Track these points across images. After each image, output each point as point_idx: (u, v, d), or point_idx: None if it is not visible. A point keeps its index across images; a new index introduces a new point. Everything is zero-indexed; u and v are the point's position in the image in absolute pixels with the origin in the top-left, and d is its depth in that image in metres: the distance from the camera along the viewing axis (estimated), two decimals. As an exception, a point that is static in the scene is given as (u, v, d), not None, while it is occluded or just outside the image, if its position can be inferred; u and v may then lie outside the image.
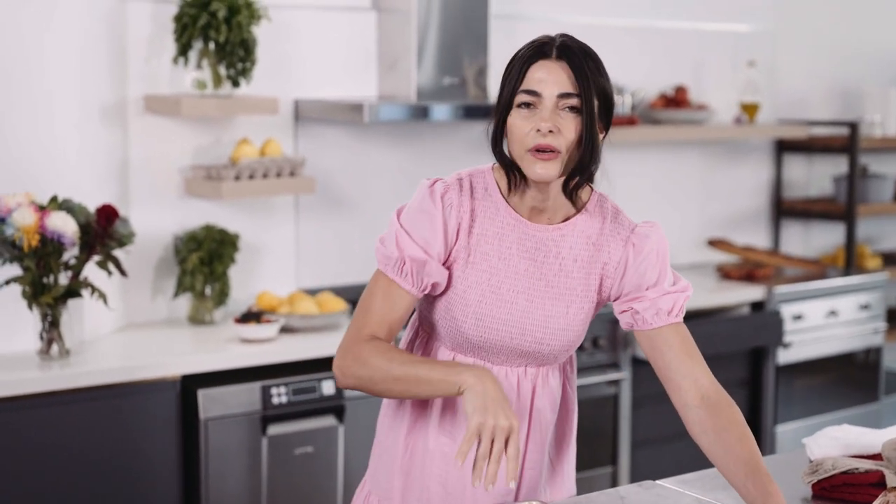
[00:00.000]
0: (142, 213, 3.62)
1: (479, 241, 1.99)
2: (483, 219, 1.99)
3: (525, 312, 2.00)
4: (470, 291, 1.98)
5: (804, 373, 4.67)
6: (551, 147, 1.89)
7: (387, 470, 2.10)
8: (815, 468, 2.20)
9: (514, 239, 2.00)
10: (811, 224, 5.48)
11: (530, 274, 2.00)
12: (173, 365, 3.21)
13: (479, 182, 2.01)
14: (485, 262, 1.99)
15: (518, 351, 2.03)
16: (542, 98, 1.90)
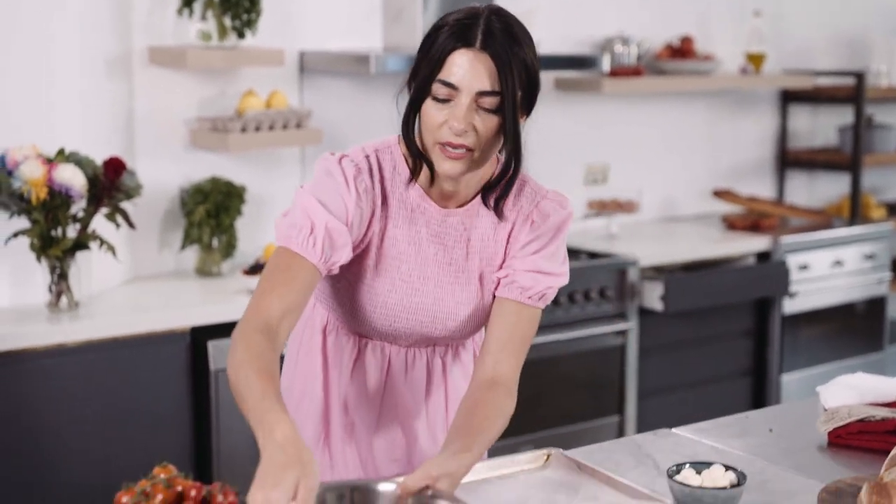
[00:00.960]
0: (147, 166, 3.60)
1: (388, 227, 1.89)
2: (393, 203, 1.89)
3: (436, 300, 1.93)
4: (379, 281, 1.90)
5: (809, 322, 4.68)
6: (463, 145, 1.78)
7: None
8: (831, 416, 2.20)
9: (423, 223, 1.91)
10: (816, 174, 5.47)
11: (440, 259, 1.93)
12: (183, 317, 3.21)
13: (386, 160, 1.90)
14: (394, 248, 1.90)
15: (428, 337, 1.98)
16: (459, 92, 1.76)
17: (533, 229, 1.95)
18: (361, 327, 1.95)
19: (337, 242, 1.79)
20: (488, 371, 1.90)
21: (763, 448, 2.16)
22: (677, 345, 4.30)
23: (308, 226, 1.78)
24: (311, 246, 1.77)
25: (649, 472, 2.02)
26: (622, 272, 4.04)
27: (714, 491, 1.77)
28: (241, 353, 1.67)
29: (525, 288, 1.93)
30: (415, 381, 2.01)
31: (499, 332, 1.93)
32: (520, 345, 1.94)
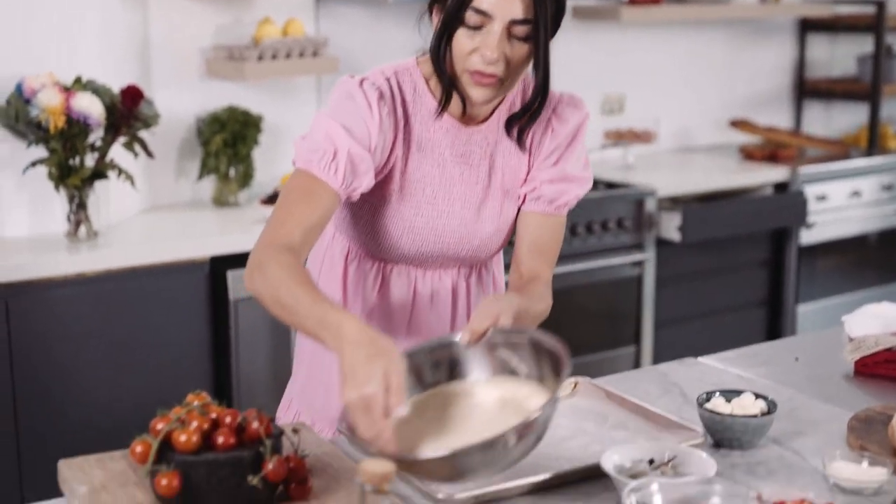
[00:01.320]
0: (163, 95, 3.57)
1: (412, 150, 1.86)
2: (415, 125, 1.86)
3: (462, 221, 1.91)
4: (404, 205, 1.87)
5: (825, 253, 4.67)
6: (494, 75, 1.76)
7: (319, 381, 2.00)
8: (858, 345, 2.20)
9: (447, 144, 1.88)
10: (833, 104, 5.42)
11: (465, 179, 1.90)
12: (202, 246, 3.20)
13: (406, 82, 1.86)
14: (418, 171, 1.87)
15: (454, 258, 1.96)
16: (492, 20, 1.72)
17: (553, 137, 1.93)
18: (387, 253, 1.93)
19: (359, 168, 1.77)
20: (524, 276, 1.92)
21: (789, 377, 2.16)
22: (694, 275, 4.29)
23: (331, 150, 1.75)
24: (332, 172, 1.74)
25: (676, 401, 2.02)
26: (639, 203, 4.02)
27: (745, 419, 1.76)
28: (274, 271, 1.65)
29: (551, 200, 1.94)
30: (440, 304, 1.99)
31: (529, 243, 1.94)
32: (551, 251, 1.95)
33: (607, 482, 1.66)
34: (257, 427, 1.47)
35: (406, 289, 1.97)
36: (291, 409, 2.08)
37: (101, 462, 1.63)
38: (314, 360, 2.02)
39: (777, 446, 1.81)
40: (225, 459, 1.44)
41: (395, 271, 1.96)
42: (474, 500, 1.59)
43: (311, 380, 2.03)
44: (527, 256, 1.94)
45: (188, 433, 1.44)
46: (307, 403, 2.04)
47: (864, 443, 1.77)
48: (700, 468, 1.63)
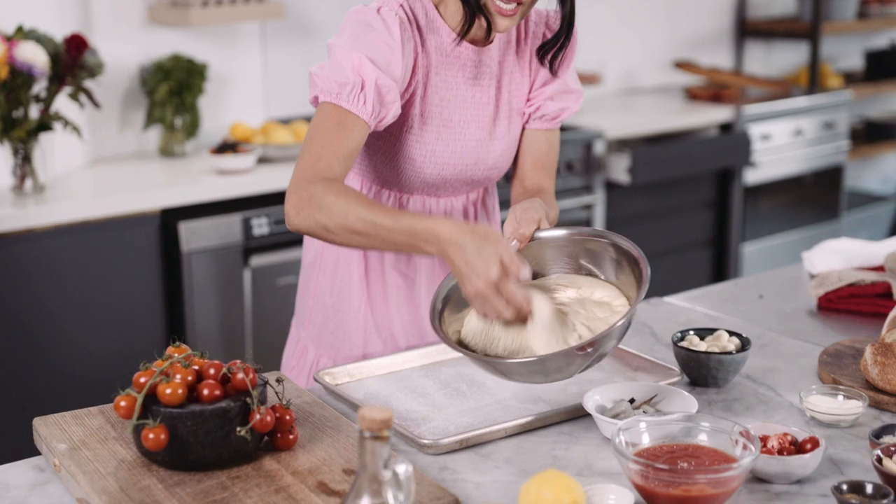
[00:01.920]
0: (105, 43, 3.49)
1: (431, 74, 1.87)
2: (431, 49, 1.86)
3: (477, 142, 1.93)
4: (426, 130, 1.88)
5: (769, 193, 4.71)
6: (518, 1, 1.78)
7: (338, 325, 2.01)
8: (822, 281, 2.22)
9: (458, 66, 1.89)
10: (773, 43, 5.45)
11: (477, 99, 1.93)
12: (152, 198, 3.14)
13: (418, 7, 1.86)
14: (436, 95, 1.88)
15: (470, 181, 1.97)
16: None
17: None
18: (407, 182, 1.93)
19: (386, 98, 1.78)
20: (529, 190, 1.98)
21: (756, 314, 2.18)
22: (642, 216, 4.31)
23: (359, 83, 1.75)
24: (361, 103, 1.75)
25: (647, 341, 2.03)
26: (588, 145, 4.03)
27: (720, 356, 1.78)
28: (333, 201, 1.67)
29: (553, 117, 1.99)
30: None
31: (533, 160, 2.01)
32: (552, 165, 2.02)
33: (588, 422, 1.66)
34: (243, 378, 1.45)
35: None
36: (308, 354, 2.07)
37: (78, 418, 1.60)
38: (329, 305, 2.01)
39: (751, 382, 1.83)
40: (211, 411, 1.42)
41: (411, 201, 1.97)
42: (458, 444, 1.59)
43: (329, 322, 2.02)
44: (531, 172, 2.00)
45: (173, 386, 1.41)
46: (326, 344, 2.03)
47: (837, 377, 1.80)
48: (681, 406, 1.64)
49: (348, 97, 1.75)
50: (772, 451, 1.49)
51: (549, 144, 2.02)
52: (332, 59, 1.79)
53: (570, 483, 1.23)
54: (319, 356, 2.05)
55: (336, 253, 2.00)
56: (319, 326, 2.04)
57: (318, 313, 2.04)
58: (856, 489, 1.42)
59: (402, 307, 2.01)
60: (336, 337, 2.02)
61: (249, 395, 1.45)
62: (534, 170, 2.01)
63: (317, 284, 2.04)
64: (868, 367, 1.76)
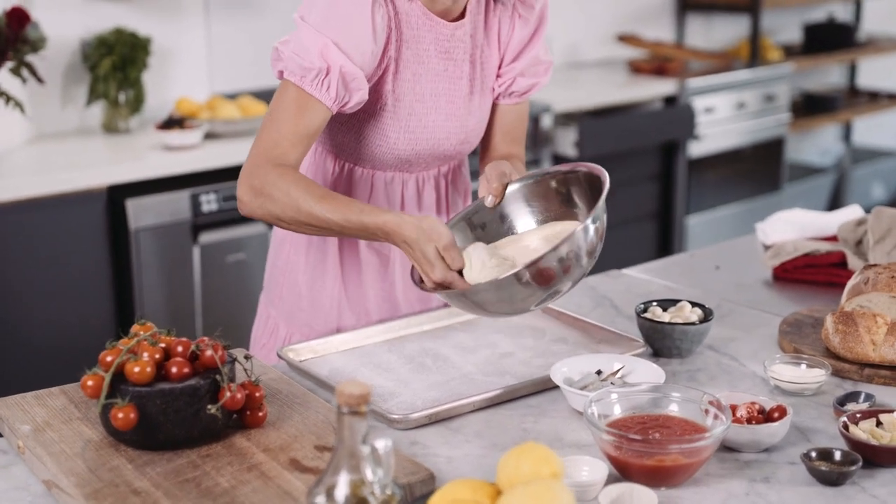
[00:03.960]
0: (44, 16, 3.41)
1: (402, 49, 1.84)
2: (402, 24, 1.83)
3: (448, 116, 1.92)
4: (399, 104, 1.86)
5: (712, 165, 4.75)
6: None
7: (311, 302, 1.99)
8: (777, 252, 2.24)
9: (430, 40, 1.86)
10: (714, 17, 5.48)
11: (449, 74, 1.91)
12: (98, 175, 3.09)
13: None
14: (408, 70, 1.85)
15: (442, 155, 1.96)
16: None
17: (523, 23, 1.95)
18: (380, 158, 1.91)
19: (350, 85, 1.75)
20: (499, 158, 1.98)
21: (713, 284, 2.20)
22: (589, 190, 4.32)
23: (324, 68, 1.73)
24: (324, 89, 1.73)
25: (608, 313, 2.04)
26: (535, 119, 4.03)
27: (684, 326, 1.79)
28: (286, 190, 1.70)
29: (522, 92, 1.99)
30: (426, 207, 1.99)
31: (503, 133, 2.02)
32: (522, 134, 2.05)
33: (556, 394, 1.67)
34: (212, 355, 1.43)
35: (395, 195, 1.96)
36: (279, 332, 2.04)
37: (40, 399, 1.57)
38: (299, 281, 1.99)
39: (713, 352, 1.84)
40: (181, 389, 1.39)
41: (384, 178, 1.94)
42: (427, 419, 1.58)
43: (301, 299, 2.00)
44: (501, 144, 2.01)
45: (141, 364, 1.39)
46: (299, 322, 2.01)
47: (798, 346, 1.82)
48: (649, 377, 1.65)
49: (312, 82, 1.73)
50: (741, 420, 1.50)
51: (519, 116, 2.03)
52: (298, 36, 1.76)
53: (549, 455, 1.23)
54: (291, 333, 2.02)
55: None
56: (291, 304, 2.01)
57: (289, 290, 2.01)
58: (824, 456, 1.43)
59: (377, 283, 1.99)
60: (309, 314, 1.99)
61: (219, 373, 1.43)
62: (503, 141, 2.01)
63: (287, 261, 2.01)
64: (829, 336, 1.78)
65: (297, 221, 1.72)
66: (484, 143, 2.04)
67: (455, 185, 2.04)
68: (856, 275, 1.87)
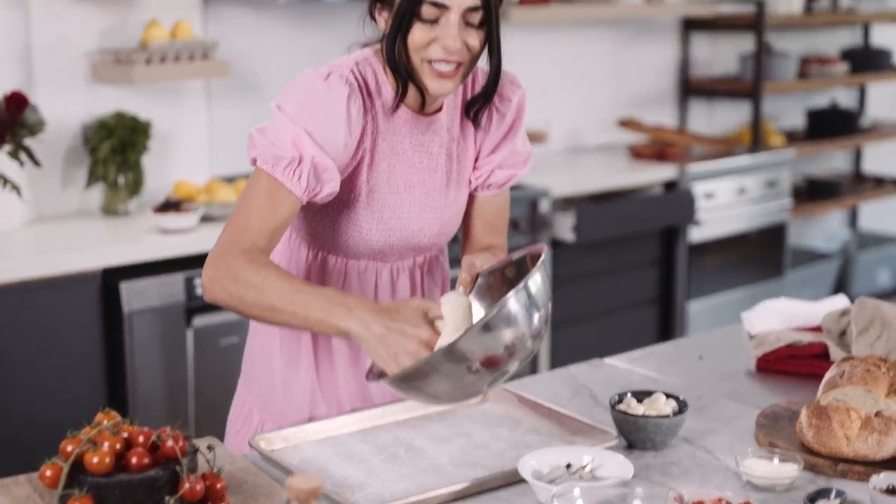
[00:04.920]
0: (47, 101, 3.46)
1: (378, 140, 1.86)
2: (379, 116, 1.85)
3: (423, 208, 1.93)
4: (373, 196, 1.87)
5: (713, 250, 4.76)
6: (458, 62, 1.78)
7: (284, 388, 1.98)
8: (760, 342, 2.23)
9: (406, 132, 1.89)
10: (716, 102, 5.53)
11: (424, 165, 1.92)
12: (93, 257, 3.11)
13: (368, 73, 1.85)
14: (383, 161, 1.87)
15: (416, 247, 1.97)
16: (448, 11, 1.75)
17: (500, 117, 1.97)
18: (354, 248, 1.91)
19: (322, 177, 1.77)
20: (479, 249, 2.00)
21: (695, 375, 2.19)
22: (588, 275, 4.33)
23: (296, 158, 1.75)
24: (296, 178, 1.75)
25: (586, 403, 2.03)
26: (533, 203, 4.05)
27: (658, 419, 1.78)
28: (252, 276, 1.69)
29: (501, 183, 2.01)
30: (399, 296, 1.99)
31: (482, 224, 2.03)
32: (502, 224, 2.06)
33: (525, 488, 1.65)
34: (172, 445, 1.42)
35: (369, 284, 1.96)
36: (252, 419, 2.04)
37: (5, 487, 1.56)
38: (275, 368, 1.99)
39: (689, 445, 1.83)
40: (140, 480, 1.39)
41: (357, 267, 1.95)
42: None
43: (275, 387, 1.99)
44: (481, 235, 2.02)
45: (100, 454, 1.39)
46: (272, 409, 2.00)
47: (773, 439, 1.80)
48: (618, 470, 1.64)
49: (284, 171, 1.74)
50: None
51: (499, 206, 2.04)
52: (273, 125, 1.78)
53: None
54: (265, 421, 2.02)
55: None
56: (266, 389, 2.01)
57: (265, 376, 2.02)
58: (790, 555, 1.41)
59: (349, 372, 1.98)
60: (282, 402, 1.99)
61: (179, 464, 1.42)
62: (483, 231, 2.03)
63: (262, 347, 2.02)
64: (803, 430, 1.76)
65: (258, 307, 1.70)
66: (465, 235, 2.04)
67: (432, 274, 2.04)
68: (832, 367, 1.87)
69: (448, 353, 1.56)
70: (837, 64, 5.59)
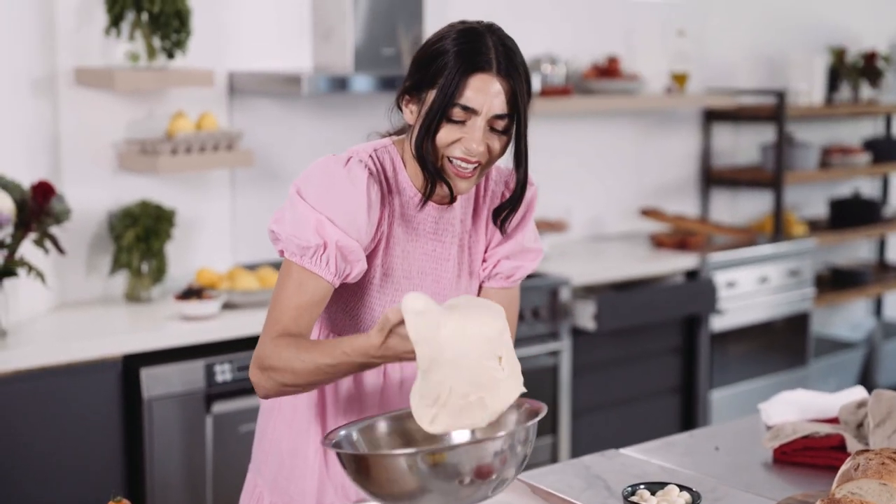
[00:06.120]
0: (74, 189, 3.52)
1: (394, 226, 1.91)
2: (395, 202, 1.91)
3: (434, 295, 1.96)
4: (387, 280, 1.92)
5: (736, 339, 4.74)
6: (477, 162, 1.84)
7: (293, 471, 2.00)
8: (777, 433, 2.22)
9: (419, 220, 1.94)
10: (738, 192, 5.55)
11: (437, 254, 1.96)
12: (114, 344, 3.14)
13: (386, 160, 1.92)
14: (398, 246, 1.93)
15: None
16: (476, 116, 1.81)
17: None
18: (366, 331, 1.93)
19: (349, 258, 1.83)
20: None
21: (711, 466, 2.18)
22: (609, 363, 4.32)
23: (321, 245, 1.80)
24: (324, 265, 1.80)
25: (601, 494, 2.02)
26: (554, 292, 4.06)
27: (670, 512, 1.77)
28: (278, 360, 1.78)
29: (508, 276, 2.02)
30: (407, 379, 2.00)
31: None
32: (512, 322, 2.04)
33: (536, 580, 1.64)
34: (180, 535, 1.43)
35: (377, 371, 1.97)
36: (263, 501, 2.05)
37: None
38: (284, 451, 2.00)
39: (702, 538, 1.81)
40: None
41: None
42: None
43: (283, 469, 2.01)
44: None
45: (109, 544, 1.39)
46: (281, 490, 2.01)
47: (788, 532, 1.79)
48: (629, 564, 1.62)
49: (311, 259, 1.81)
50: None
51: (507, 303, 2.04)
52: (294, 213, 1.82)
53: None
54: (274, 502, 2.02)
55: (293, 400, 2.00)
56: (275, 472, 2.03)
57: (274, 458, 2.03)
58: None
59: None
60: (290, 483, 2.00)
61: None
62: None
63: (273, 430, 2.03)
64: (818, 524, 1.75)
65: (299, 378, 1.76)
66: None
67: None
68: (847, 460, 1.85)
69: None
70: (860, 154, 5.61)
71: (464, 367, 1.62)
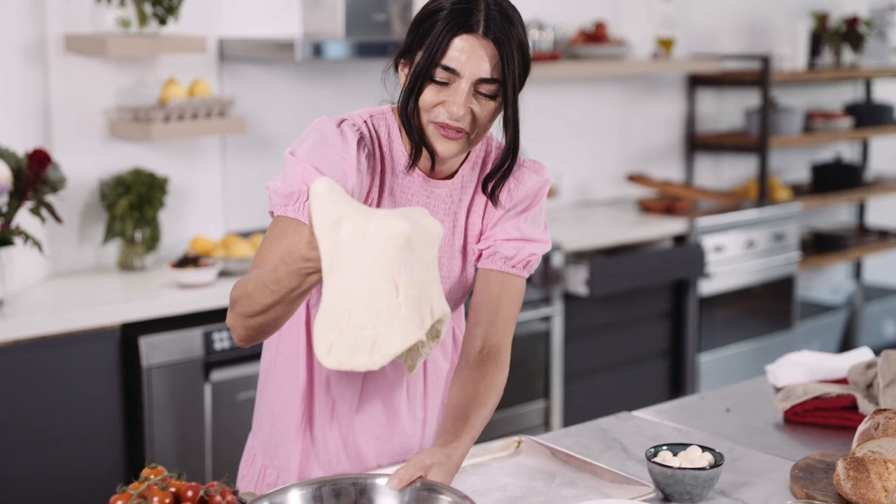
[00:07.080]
0: (65, 157, 3.48)
1: (385, 195, 1.85)
2: (388, 171, 1.86)
3: None
4: None
5: (723, 303, 4.77)
6: (460, 129, 1.77)
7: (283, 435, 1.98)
8: (788, 394, 2.24)
9: (411, 193, 1.88)
10: (722, 157, 5.57)
11: None
12: (112, 313, 3.12)
13: (381, 126, 1.87)
14: None
15: None
16: (459, 78, 1.75)
17: (509, 197, 1.93)
18: None
19: None
20: (478, 344, 1.89)
21: (724, 427, 2.20)
22: (600, 328, 4.34)
23: (304, 191, 1.73)
24: (306, 211, 1.71)
25: (619, 456, 2.03)
26: (546, 257, 4.06)
27: (695, 472, 1.78)
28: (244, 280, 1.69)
29: (508, 257, 1.92)
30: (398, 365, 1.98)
31: (485, 304, 1.91)
32: (509, 315, 1.92)
33: (566, 541, 1.65)
34: (220, 501, 1.43)
35: None
36: (256, 463, 2.05)
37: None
38: (276, 415, 1.99)
39: (725, 498, 1.83)
40: (190, 535, 1.39)
41: None
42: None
43: (274, 433, 2.00)
44: (484, 318, 1.91)
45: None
46: (271, 454, 2.01)
47: (810, 491, 1.81)
48: (659, 523, 1.64)
49: (294, 206, 1.75)
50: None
51: (508, 292, 1.93)
52: (285, 170, 1.79)
53: None
54: (266, 466, 2.02)
55: (285, 363, 1.98)
56: (267, 434, 2.03)
57: (266, 421, 2.03)
58: None
59: (337, 424, 1.98)
60: (279, 448, 2.00)
61: (228, 518, 1.43)
62: (485, 315, 1.91)
63: (267, 392, 2.02)
64: (841, 482, 1.77)
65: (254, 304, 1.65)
66: (471, 313, 1.94)
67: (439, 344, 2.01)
68: (866, 420, 1.87)
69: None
70: (841, 119, 5.64)
71: (364, 280, 1.42)
